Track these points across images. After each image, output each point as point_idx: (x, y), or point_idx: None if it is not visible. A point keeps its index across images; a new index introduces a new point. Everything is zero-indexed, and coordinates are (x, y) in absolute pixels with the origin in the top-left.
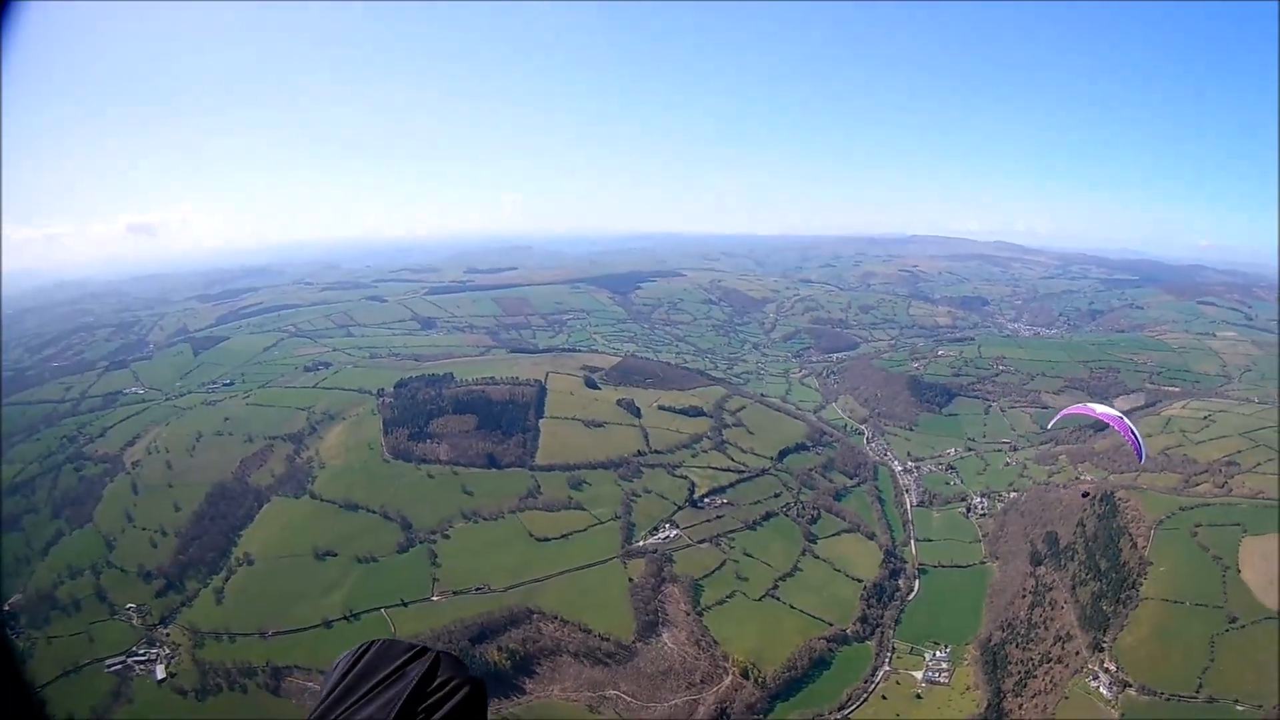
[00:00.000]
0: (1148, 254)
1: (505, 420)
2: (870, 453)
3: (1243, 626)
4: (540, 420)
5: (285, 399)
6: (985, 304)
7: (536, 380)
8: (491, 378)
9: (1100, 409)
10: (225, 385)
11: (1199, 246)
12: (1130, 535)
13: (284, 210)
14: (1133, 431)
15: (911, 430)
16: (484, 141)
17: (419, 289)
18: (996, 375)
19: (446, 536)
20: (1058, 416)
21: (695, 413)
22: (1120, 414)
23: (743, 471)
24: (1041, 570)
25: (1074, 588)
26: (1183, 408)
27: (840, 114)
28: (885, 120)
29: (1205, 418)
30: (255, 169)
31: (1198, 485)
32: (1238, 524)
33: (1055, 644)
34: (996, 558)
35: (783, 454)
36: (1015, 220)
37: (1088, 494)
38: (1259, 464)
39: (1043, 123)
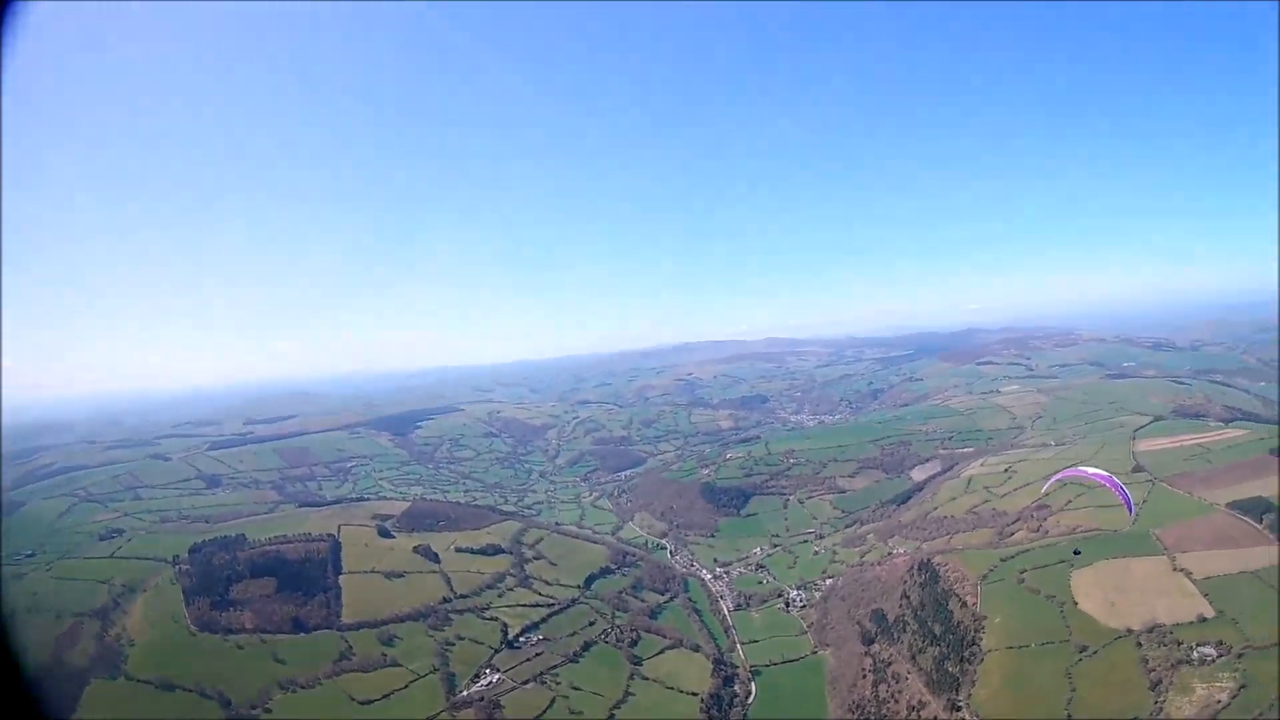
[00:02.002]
0: (921, 327)
1: (305, 580)
2: (677, 566)
3: (1095, 652)
4: (340, 576)
5: (85, 571)
6: (765, 401)
7: (329, 534)
8: (284, 535)
9: (1090, 470)
10: (28, 556)
11: (969, 310)
12: (958, 595)
13: (63, 359)
14: (1121, 487)
15: (713, 537)
16: (255, 285)
17: (201, 444)
18: (789, 469)
19: (268, 710)
20: (1050, 481)
21: (494, 551)
22: (1108, 473)
23: (553, 604)
24: (876, 648)
25: (913, 657)
26: (981, 465)
27: (604, 231)
28: (648, 233)
29: (1005, 470)
30: (29, 315)
31: (1013, 535)
32: (1063, 561)
33: (910, 713)
34: (827, 645)
35: (589, 580)
36: (786, 317)
37: (1078, 552)
38: (1069, 501)
39: (801, 223)
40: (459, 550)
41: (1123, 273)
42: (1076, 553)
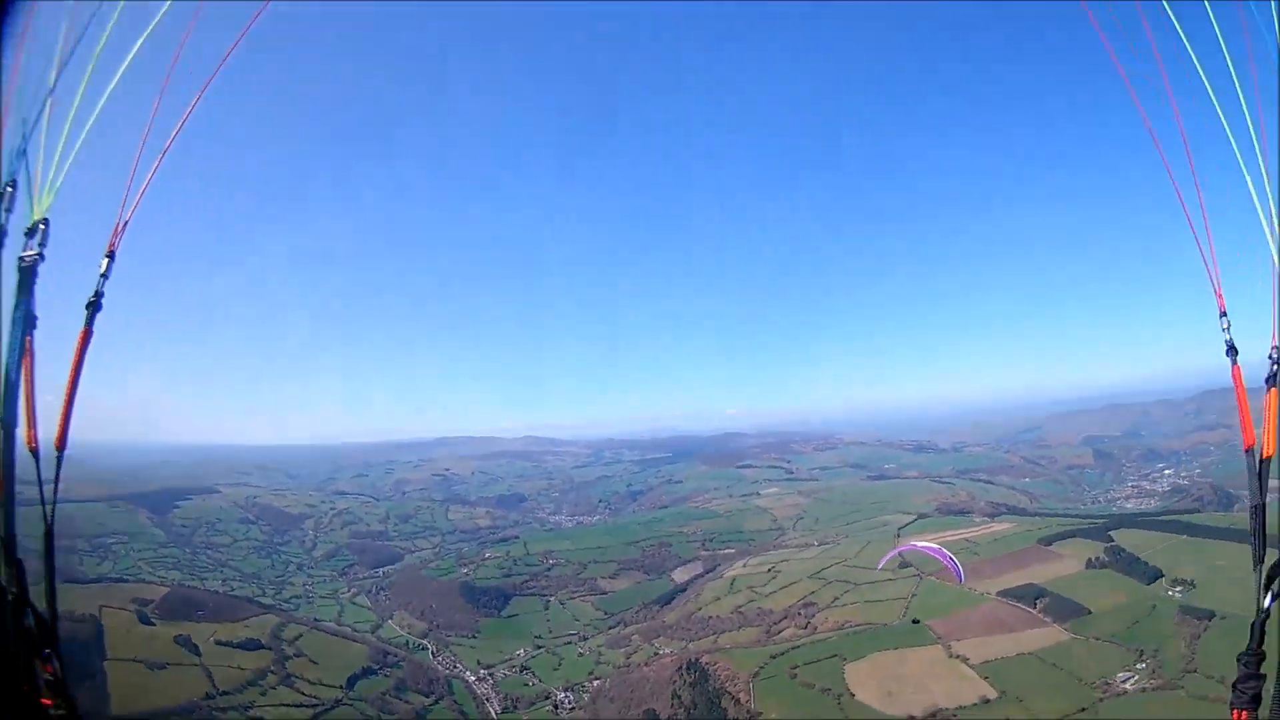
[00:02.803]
0: (680, 430)
1: (73, 665)
2: (439, 667)
3: None
4: (104, 662)
5: None
6: (523, 500)
7: (92, 615)
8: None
9: (921, 543)
10: None
11: (728, 415)
12: (730, 693)
13: None
14: (951, 558)
15: (475, 638)
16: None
17: None
18: (549, 569)
19: None
20: (887, 557)
21: (254, 645)
22: (937, 545)
23: (317, 705)
24: None
25: None
26: (744, 566)
27: (361, 317)
28: (407, 323)
29: (769, 570)
30: None
31: (781, 633)
32: (835, 655)
33: None
34: None
35: (352, 680)
36: (545, 416)
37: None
38: (836, 598)
39: (557, 320)
40: (219, 643)
41: (883, 380)
42: (916, 622)
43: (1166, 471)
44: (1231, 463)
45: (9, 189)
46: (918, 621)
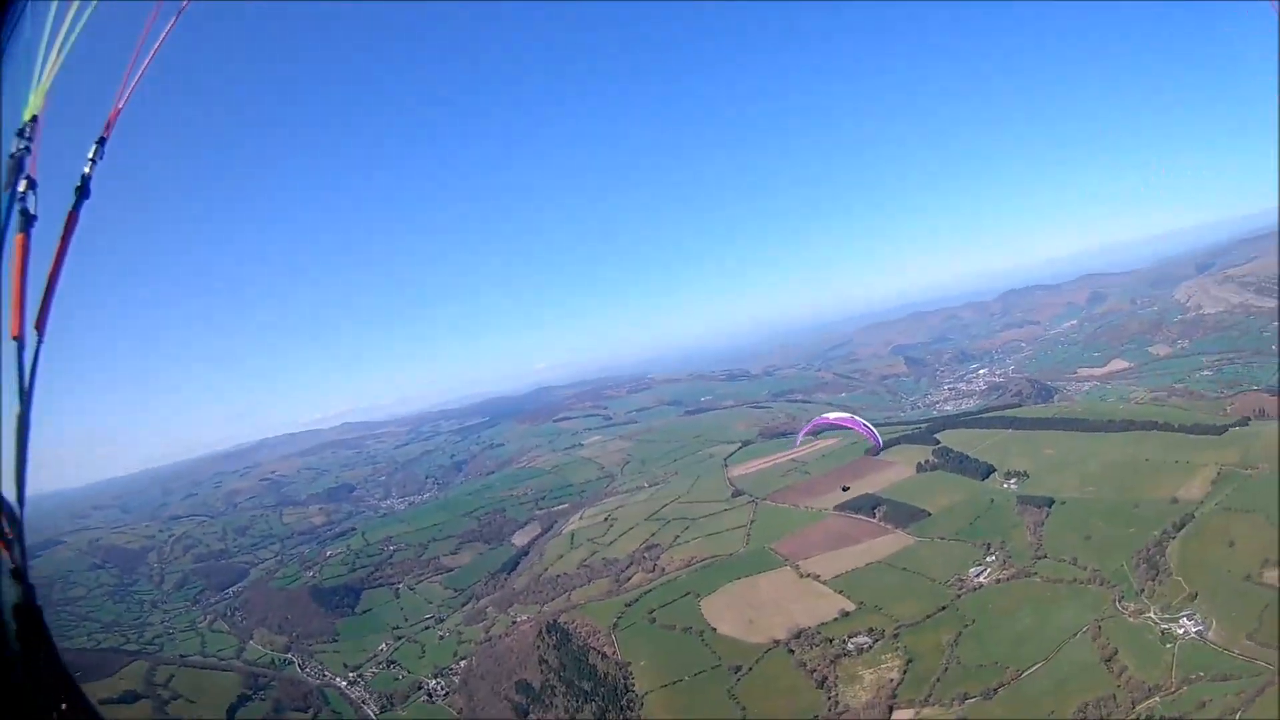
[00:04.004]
0: (492, 393)
1: None
2: (310, 679)
3: (750, 669)
4: None
5: None
6: (353, 490)
7: None
8: None
9: (832, 415)
10: None
11: (538, 370)
12: (595, 649)
13: None
14: (864, 424)
15: (336, 641)
16: None
17: None
18: (391, 557)
19: None
20: (801, 435)
21: (132, 697)
22: (848, 414)
23: None
24: (533, 719)
25: (573, 718)
26: (581, 519)
27: (162, 332)
28: (207, 332)
29: (606, 519)
30: None
31: (630, 579)
32: (688, 593)
33: None
34: None
35: (231, 711)
36: (359, 399)
37: (847, 488)
38: (677, 537)
39: (355, 295)
40: (102, 703)
41: (685, 313)
42: (845, 489)
43: (981, 371)
44: (1045, 356)
45: None
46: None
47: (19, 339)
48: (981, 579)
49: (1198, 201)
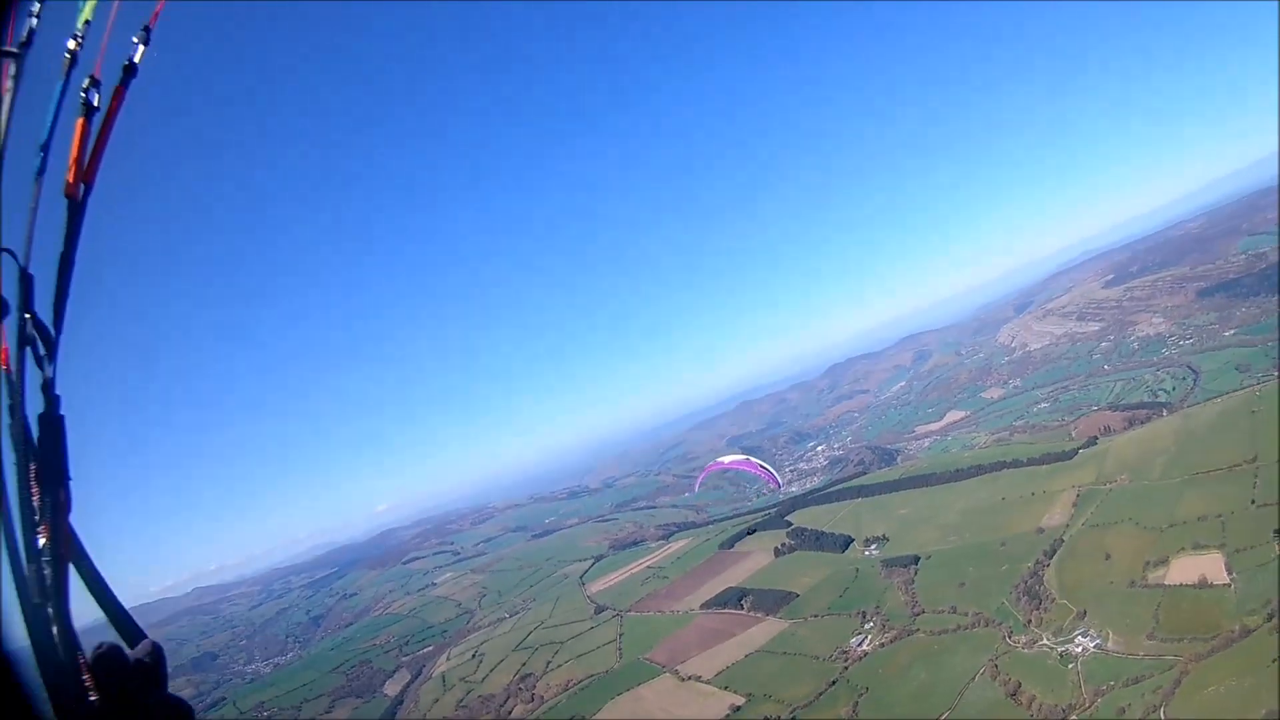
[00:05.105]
0: (337, 542)
1: None
2: None
3: None
4: None
5: None
6: (215, 658)
7: None
8: None
9: (727, 458)
10: None
11: (378, 513)
12: None
13: None
14: (762, 466)
15: None
16: None
17: None
18: None
19: None
20: (699, 481)
21: None
22: (745, 456)
23: None
24: None
25: None
26: (448, 660)
27: None
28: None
29: (473, 656)
30: None
31: (511, 713)
32: (573, 718)
33: None
34: None
35: None
36: (206, 563)
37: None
38: (549, 662)
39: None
40: None
41: (519, 435)
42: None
43: (819, 448)
44: (880, 422)
45: None
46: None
47: (72, 197)
48: (865, 647)
49: (1006, 248)
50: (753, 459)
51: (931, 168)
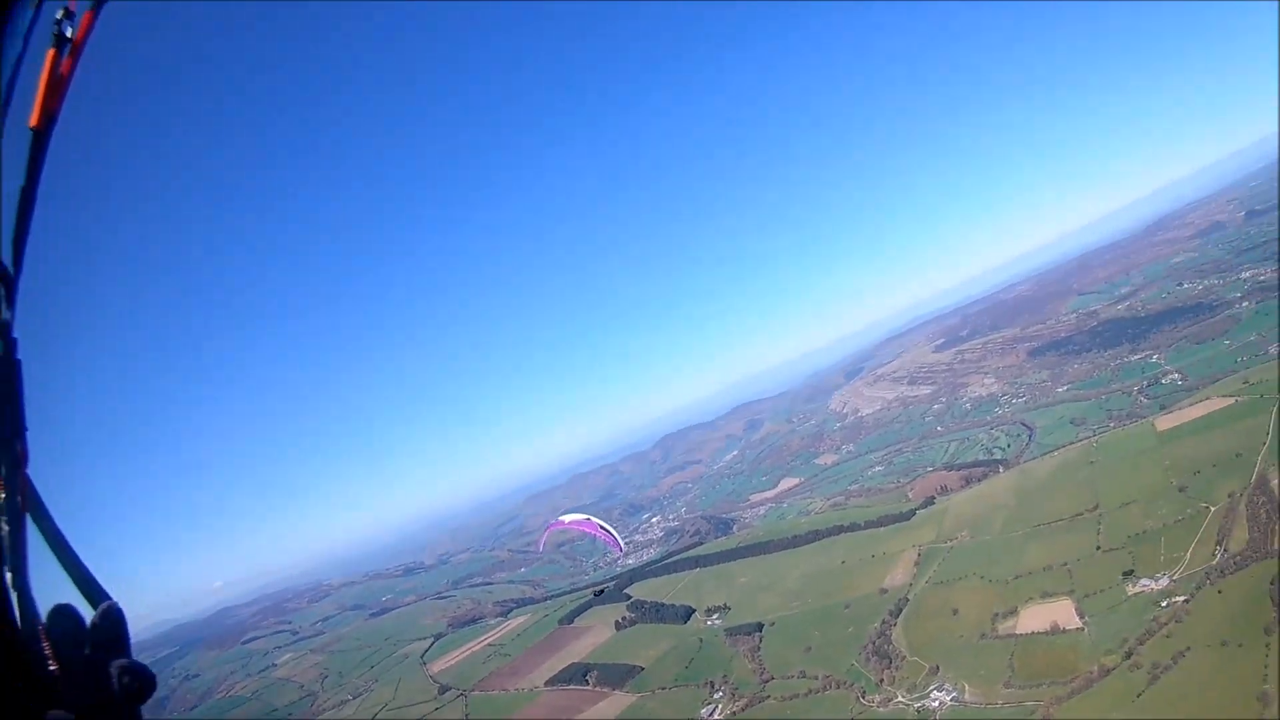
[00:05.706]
0: (171, 620)
1: None
2: None
3: None
4: None
5: None
6: None
7: None
8: None
9: (568, 518)
10: None
11: (215, 590)
12: None
13: None
14: (603, 527)
15: None
16: None
17: None
18: None
19: None
20: (541, 541)
21: None
22: (585, 516)
23: None
24: None
25: None
26: None
27: None
28: None
29: None
30: None
31: None
32: None
33: None
34: None
35: None
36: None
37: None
38: None
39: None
40: None
41: (351, 510)
42: (599, 593)
43: (654, 520)
44: (714, 491)
45: None
46: None
47: (37, 128)
48: (716, 716)
49: (836, 315)
50: (593, 519)
51: (761, 238)
